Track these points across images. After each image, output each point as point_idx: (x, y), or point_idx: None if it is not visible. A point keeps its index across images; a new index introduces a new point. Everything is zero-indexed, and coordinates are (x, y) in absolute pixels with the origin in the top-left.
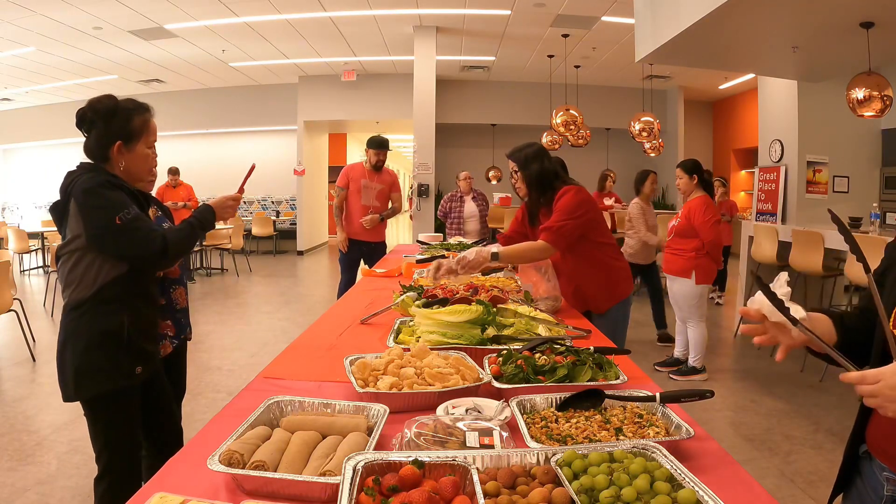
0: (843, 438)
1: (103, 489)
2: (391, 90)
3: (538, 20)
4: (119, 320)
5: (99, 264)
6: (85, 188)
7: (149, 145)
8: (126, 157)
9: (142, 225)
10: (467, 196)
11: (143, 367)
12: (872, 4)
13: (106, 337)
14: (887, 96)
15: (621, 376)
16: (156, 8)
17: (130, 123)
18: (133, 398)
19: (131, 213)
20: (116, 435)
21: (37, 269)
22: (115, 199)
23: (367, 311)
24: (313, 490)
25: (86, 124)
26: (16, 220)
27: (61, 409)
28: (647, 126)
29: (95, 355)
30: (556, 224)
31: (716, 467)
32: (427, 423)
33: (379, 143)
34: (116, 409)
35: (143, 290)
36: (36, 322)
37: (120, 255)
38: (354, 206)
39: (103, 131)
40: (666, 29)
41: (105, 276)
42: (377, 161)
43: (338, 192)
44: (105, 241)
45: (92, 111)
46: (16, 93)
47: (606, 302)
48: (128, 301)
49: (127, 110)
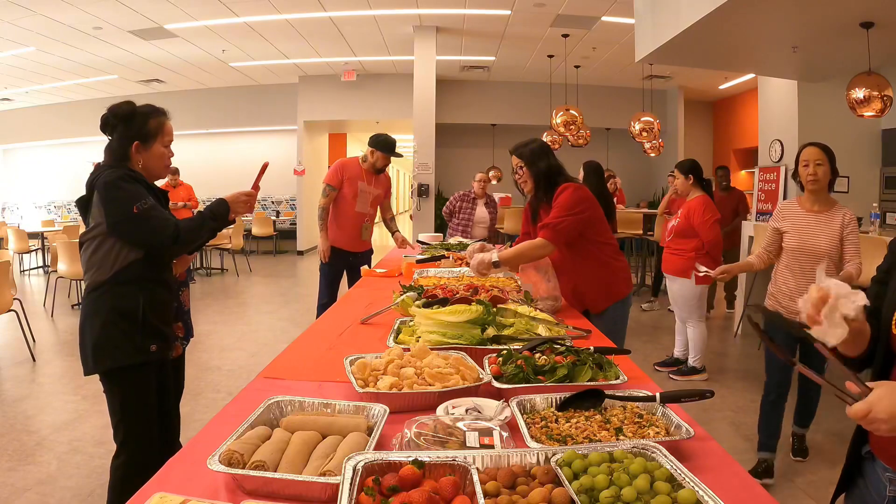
0: (844, 438)
1: (120, 461)
2: (391, 90)
3: (538, 20)
4: (134, 301)
5: (117, 249)
6: (106, 181)
7: (164, 144)
8: (144, 155)
9: (156, 214)
10: (480, 200)
11: (157, 346)
12: (872, 4)
13: (122, 315)
14: (887, 96)
15: (621, 376)
16: (156, 8)
17: (147, 125)
18: (148, 374)
19: (147, 203)
20: (132, 407)
21: (37, 269)
22: (133, 191)
23: (367, 311)
24: (313, 490)
25: (108, 127)
26: (16, 220)
27: (61, 409)
28: (647, 126)
29: (112, 331)
30: (554, 220)
31: (716, 467)
32: (427, 423)
33: (390, 146)
34: (131, 382)
35: (157, 274)
36: (36, 322)
37: (136, 241)
38: (347, 212)
39: (123, 133)
40: (666, 29)
41: (123, 260)
42: (383, 165)
43: (327, 191)
44: (123, 228)
45: (113, 115)
46: (16, 93)
47: (604, 301)
48: (143, 284)
49: (144, 114)
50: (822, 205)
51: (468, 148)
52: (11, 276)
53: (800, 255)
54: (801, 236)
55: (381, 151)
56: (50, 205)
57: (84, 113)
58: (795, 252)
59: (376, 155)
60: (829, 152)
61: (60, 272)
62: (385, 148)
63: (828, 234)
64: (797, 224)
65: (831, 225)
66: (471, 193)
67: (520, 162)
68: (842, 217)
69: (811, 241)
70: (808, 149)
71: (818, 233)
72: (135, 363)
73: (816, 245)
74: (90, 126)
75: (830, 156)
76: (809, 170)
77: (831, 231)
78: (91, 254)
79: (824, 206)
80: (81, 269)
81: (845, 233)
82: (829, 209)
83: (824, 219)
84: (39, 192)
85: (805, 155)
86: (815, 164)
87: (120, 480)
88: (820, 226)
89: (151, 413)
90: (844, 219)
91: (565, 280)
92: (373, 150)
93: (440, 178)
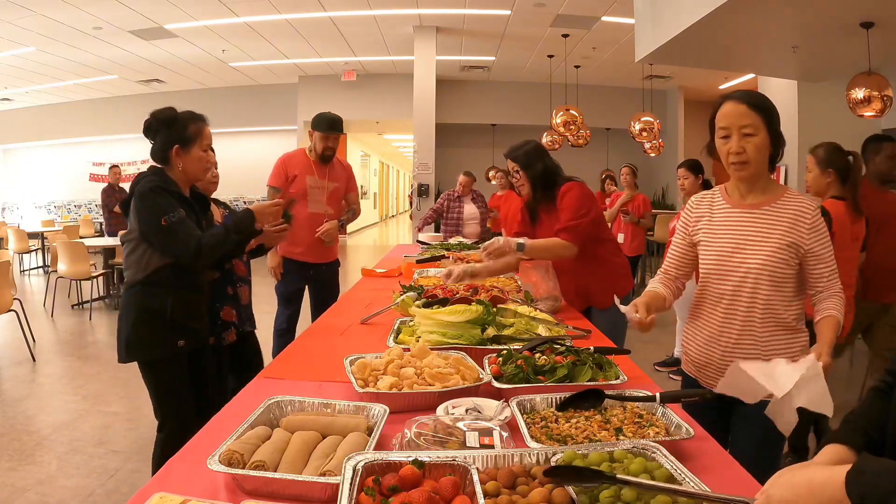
0: None
1: (163, 437)
2: (391, 90)
3: (538, 20)
4: (163, 302)
5: (149, 254)
6: (140, 191)
7: (203, 148)
8: (183, 158)
9: (182, 229)
10: (466, 197)
11: (185, 342)
12: (872, 4)
13: (151, 314)
14: (887, 96)
15: (621, 376)
16: (156, 8)
17: (186, 130)
18: (177, 365)
19: (176, 216)
20: (167, 394)
21: (37, 269)
22: (164, 203)
23: (367, 311)
24: (313, 490)
25: (151, 132)
26: (16, 220)
27: (61, 409)
28: (647, 126)
29: (141, 328)
30: (572, 223)
31: (716, 467)
32: (427, 423)
33: (330, 122)
34: (162, 373)
35: (187, 279)
36: (36, 322)
37: (161, 251)
38: (299, 215)
39: (164, 137)
40: (666, 29)
41: (154, 264)
42: (325, 149)
43: (271, 193)
44: (151, 237)
45: (155, 121)
46: (16, 93)
47: (610, 297)
48: (172, 287)
49: (183, 119)
50: (761, 194)
51: (468, 148)
52: (11, 276)
53: (723, 281)
54: (724, 249)
55: (319, 131)
56: (50, 205)
57: (84, 113)
58: (715, 275)
59: (315, 137)
60: (764, 109)
61: (60, 272)
62: (320, 124)
63: (772, 244)
64: (720, 228)
65: (778, 227)
66: (455, 192)
67: (515, 166)
68: (798, 212)
69: (740, 258)
70: (728, 107)
71: (754, 241)
72: (164, 357)
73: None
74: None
75: (767, 115)
76: (732, 143)
77: (778, 237)
78: (128, 254)
79: (765, 197)
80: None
81: (807, 239)
82: (773, 200)
83: (766, 217)
84: (39, 192)
85: (723, 119)
86: (740, 134)
87: (161, 452)
88: (757, 229)
89: (184, 396)
90: (804, 215)
91: (568, 279)
92: (311, 133)
93: (440, 178)
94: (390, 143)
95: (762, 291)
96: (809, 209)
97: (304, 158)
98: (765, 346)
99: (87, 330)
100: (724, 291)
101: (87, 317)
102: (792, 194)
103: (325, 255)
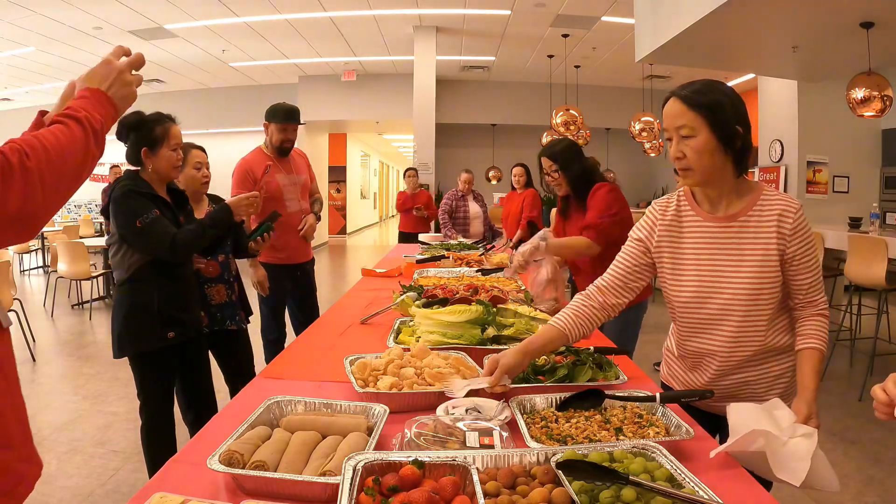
0: (843, 438)
1: (140, 426)
2: (391, 90)
3: (538, 20)
4: (149, 296)
5: (130, 254)
6: (115, 197)
7: (171, 148)
8: (153, 159)
9: (155, 229)
10: (469, 196)
11: (175, 332)
12: (872, 4)
13: (140, 309)
14: (887, 96)
15: (621, 376)
16: (156, 8)
17: (153, 132)
18: (166, 358)
19: (149, 217)
20: (150, 385)
21: (37, 269)
22: (136, 206)
23: (367, 311)
24: (313, 490)
25: (122, 136)
26: None
27: (61, 409)
28: (648, 126)
29: (132, 323)
30: (597, 221)
31: (716, 467)
32: (427, 423)
33: (287, 112)
34: (150, 367)
35: (169, 273)
36: (36, 322)
37: (141, 250)
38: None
39: (134, 140)
40: (666, 29)
41: (136, 263)
42: (283, 141)
43: None
44: (129, 239)
45: (123, 126)
46: (16, 93)
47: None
48: (156, 281)
49: (150, 121)
50: (737, 201)
51: (468, 148)
52: (11, 276)
53: (702, 308)
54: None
55: (276, 122)
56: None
57: None
58: (695, 303)
59: (271, 129)
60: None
61: (60, 272)
62: (278, 116)
63: (756, 262)
64: (695, 248)
65: (760, 239)
66: (458, 191)
67: (552, 164)
68: (779, 215)
69: (722, 282)
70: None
71: (736, 261)
72: (153, 350)
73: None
74: None
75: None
76: (672, 147)
77: (762, 252)
78: (113, 255)
79: (741, 205)
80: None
81: (788, 243)
82: (749, 207)
83: (745, 231)
84: None
85: (664, 119)
86: (678, 136)
87: (146, 443)
88: (738, 246)
89: (167, 389)
90: (785, 217)
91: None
92: (266, 125)
93: (440, 178)
94: (390, 144)
95: (749, 316)
96: (791, 210)
97: (265, 156)
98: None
99: (86, 330)
100: (704, 319)
101: (86, 317)
102: (769, 194)
103: (307, 254)
